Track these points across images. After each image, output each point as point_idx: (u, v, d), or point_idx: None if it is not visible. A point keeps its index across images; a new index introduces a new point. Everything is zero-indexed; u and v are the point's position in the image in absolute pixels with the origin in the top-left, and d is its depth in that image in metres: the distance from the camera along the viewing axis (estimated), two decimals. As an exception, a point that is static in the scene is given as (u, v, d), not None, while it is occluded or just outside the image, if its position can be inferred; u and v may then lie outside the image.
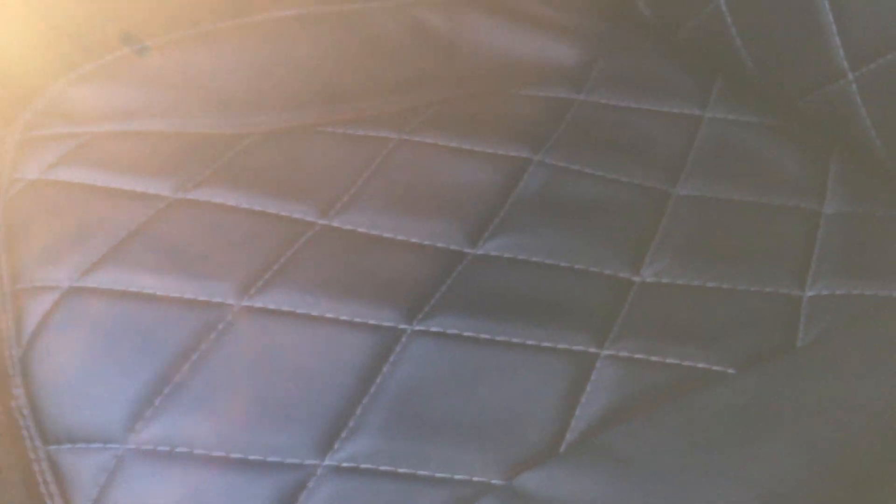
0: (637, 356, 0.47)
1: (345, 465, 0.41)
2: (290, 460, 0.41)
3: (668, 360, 0.47)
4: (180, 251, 0.51)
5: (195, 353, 0.45)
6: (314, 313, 0.48)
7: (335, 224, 0.55)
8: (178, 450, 0.42)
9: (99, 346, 0.46)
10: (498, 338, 0.47)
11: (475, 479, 0.41)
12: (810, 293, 0.52)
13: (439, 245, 0.54)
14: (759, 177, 0.61)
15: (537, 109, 0.66)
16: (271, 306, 0.48)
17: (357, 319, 0.48)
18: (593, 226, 0.56)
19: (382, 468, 0.41)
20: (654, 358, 0.47)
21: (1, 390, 0.47)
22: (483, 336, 0.47)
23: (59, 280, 0.49)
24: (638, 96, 0.67)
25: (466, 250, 0.53)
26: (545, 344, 0.47)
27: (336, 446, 0.42)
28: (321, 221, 0.55)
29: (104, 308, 0.47)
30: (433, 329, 0.47)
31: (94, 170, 0.56)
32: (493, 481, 0.41)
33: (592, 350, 0.47)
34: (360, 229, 0.54)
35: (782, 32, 0.61)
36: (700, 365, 0.47)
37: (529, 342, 0.47)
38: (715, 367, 0.46)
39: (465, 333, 0.47)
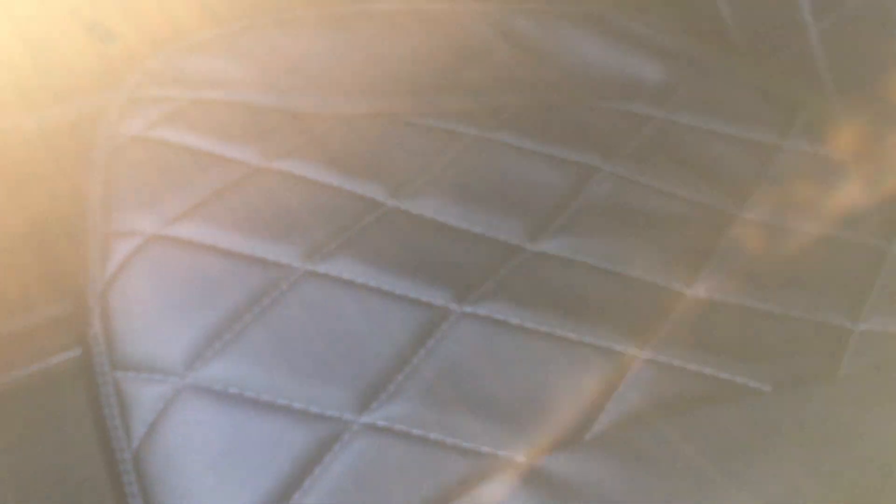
0: (675, 363, 0.48)
1: (379, 423, 0.44)
2: (329, 413, 0.44)
3: (706, 371, 0.48)
4: (256, 213, 0.54)
5: (257, 307, 0.48)
6: (371, 284, 0.51)
7: (403, 206, 0.57)
8: (229, 390, 0.45)
9: (171, 289, 0.49)
10: (541, 328, 0.49)
11: (500, 453, 0.43)
12: (862, 327, 0.52)
13: (500, 237, 0.56)
14: (829, 210, 0.61)
15: (614, 122, 0.68)
16: (333, 273, 0.51)
17: (410, 295, 0.50)
18: (652, 237, 0.57)
19: (414, 431, 0.43)
20: (691, 366, 0.48)
21: (81, 320, 0.51)
22: (528, 325, 0.49)
23: (144, 227, 0.53)
24: (717, 119, 0.68)
25: (525, 246, 0.55)
26: (586, 339, 0.48)
27: (373, 406, 0.45)
28: (390, 202, 0.57)
29: (181, 256, 0.51)
30: (480, 312, 0.49)
31: (190, 132, 0.60)
32: (517, 458, 0.42)
33: (632, 351, 0.48)
34: (426, 214, 0.57)
35: (871, 71, 0.61)
36: (737, 379, 0.47)
37: (571, 336, 0.48)
38: (751, 384, 0.47)
39: (511, 321, 0.49)
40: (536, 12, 0.75)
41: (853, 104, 0.66)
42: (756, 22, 0.71)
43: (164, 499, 0.41)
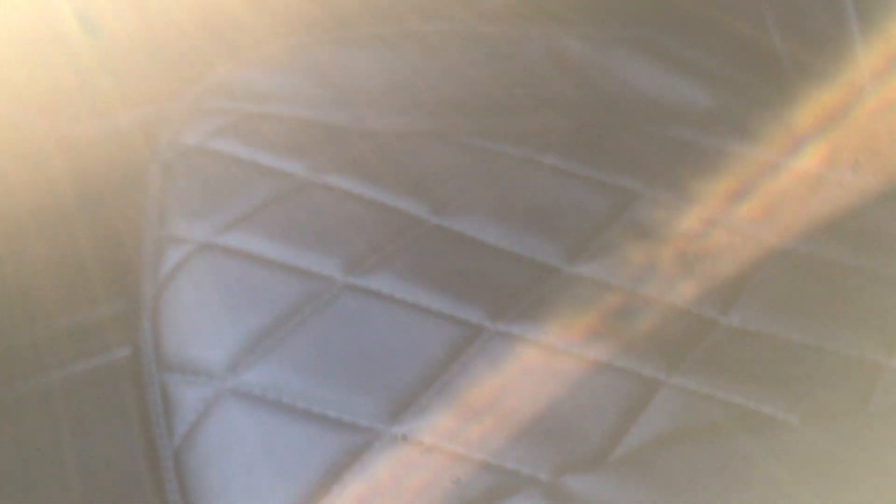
0: (703, 390, 0.48)
1: (407, 435, 0.45)
2: (362, 422, 0.46)
3: (734, 400, 0.48)
4: (301, 226, 0.56)
5: (298, 316, 0.50)
6: (409, 300, 0.52)
7: (445, 224, 0.59)
8: (268, 395, 0.47)
9: (218, 296, 0.52)
10: (572, 349, 0.50)
11: (523, 471, 0.44)
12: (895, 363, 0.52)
13: (538, 258, 0.57)
14: (874, 244, 0.61)
15: (659, 147, 0.69)
16: (372, 287, 0.53)
17: (446, 311, 0.52)
18: (690, 265, 0.57)
19: (442, 444, 0.45)
20: (720, 394, 0.48)
21: (133, 322, 0.54)
22: (559, 346, 0.50)
23: (195, 235, 0.56)
24: (763, 147, 0.68)
25: (562, 267, 0.56)
26: (616, 363, 0.49)
27: (404, 418, 0.46)
28: (433, 220, 0.59)
29: (228, 264, 0.53)
30: (514, 331, 0.51)
31: (244, 144, 0.63)
32: (540, 476, 0.44)
33: (661, 377, 0.49)
34: (467, 232, 0.58)
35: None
36: (765, 409, 0.48)
37: (601, 358, 0.49)
38: (780, 415, 0.47)
39: (543, 341, 0.50)
40: (586, 35, 0.76)
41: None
42: (807, 51, 0.71)
43: (201, 496, 0.44)
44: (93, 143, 0.79)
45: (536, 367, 0.49)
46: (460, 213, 0.60)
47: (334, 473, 0.44)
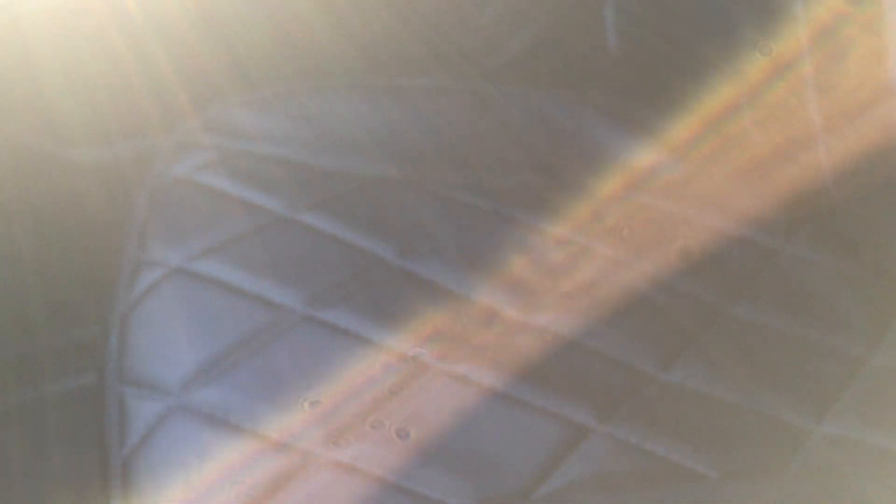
0: (631, 440, 0.51)
1: (344, 459, 0.48)
2: (300, 445, 0.48)
3: (658, 452, 0.50)
4: (271, 258, 0.59)
5: (255, 342, 0.53)
6: (361, 333, 0.55)
7: (409, 267, 0.62)
8: (216, 413, 0.50)
9: (183, 318, 0.55)
10: (509, 390, 0.52)
11: (448, 501, 0.46)
12: (824, 429, 0.54)
13: (492, 305, 0.60)
14: (819, 316, 0.63)
15: (624, 210, 0.72)
16: (329, 319, 0.55)
17: (394, 347, 0.54)
18: (638, 321, 0.60)
19: (373, 471, 0.47)
20: (646, 445, 0.51)
21: (102, 337, 0.57)
22: (496, 385, 0.53)
23: (170, 259, 0.59)
24: (726, 218, 0.71)
25: (514, 315, 0.59)
26: (550, 407, 0.52)
27: (340, 441, 0.49)
28: (398, 262, 0.62)
29: (197, 289, 0.57)
30: (457, 370, 0.53)
31: (226, 178, 0.66)
32: (463, 508, 0.46)
33: (591, 424, 0.51)
34: (429, 276, 0.61)
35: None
36: (687, 463, 0.50)
37: (536, 401, 0.52)
38: (699, 468, 0.50)
39: (483, 381, 0.53)
40: (566, 99, 0.80)
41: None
42: (773, 134, 0.74)
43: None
44: (90, 169, 0.83)
45: (470, 403, 0.51)
46: (425, 258, 0.63)
47: (268, 492, 0.46)
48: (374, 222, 0.65)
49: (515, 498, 0.46)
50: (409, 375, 0.53)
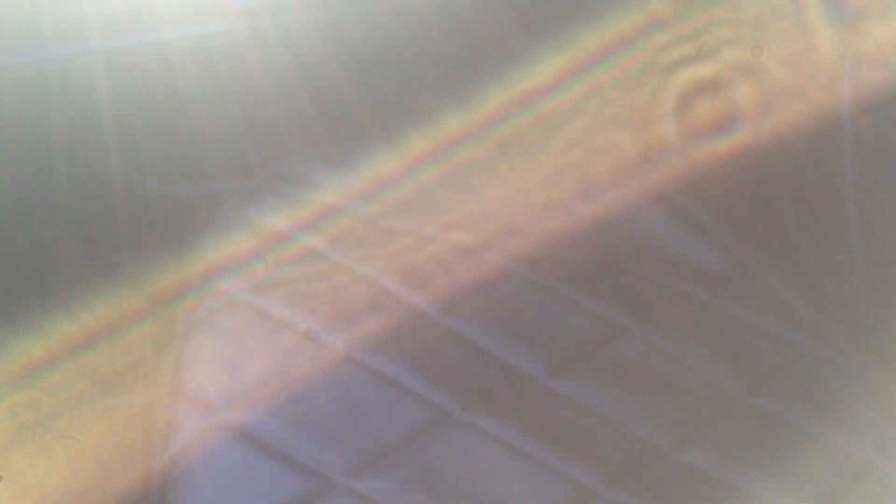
0: (634, 508, 0.54)
1: (359, 490, 0.52)
2: (325, 472, 0.52)
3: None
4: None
5: None
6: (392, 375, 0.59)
7: (448, 323, 0.66)
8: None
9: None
10: (525, 448, 0.56)
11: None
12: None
13: (519, 365, 0.63)
14: (837, 418, 0.65)
15: (662, 294, 0.75)
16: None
17: (424, 393, 0.58)
18: (660, 399, 0.63)
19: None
20: (647, 515, 0.53)
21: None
22: (515, 443, 0.56)
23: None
24: (752, 310, 0.73)
25: (539, 378, 0.63)
26: (562, 468, 0.55)
27: (360, 476, 0.53)
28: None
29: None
30: (479, 424, 0.57)
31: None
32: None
33: (598, 488, 0.54)
34: (467, 335, 0.65)
35: None
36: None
37: (550, 462, 0.55)
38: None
39: (502, 436, 0.57)
40: (629, 197, 0.83)
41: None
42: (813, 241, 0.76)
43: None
44: (185, 203, 0.88)
45: (490, 458, 0.55)
46: (466, 315, 0.67)
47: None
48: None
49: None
50: (435, 423, 0.56)
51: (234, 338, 0.61)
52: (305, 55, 0.82)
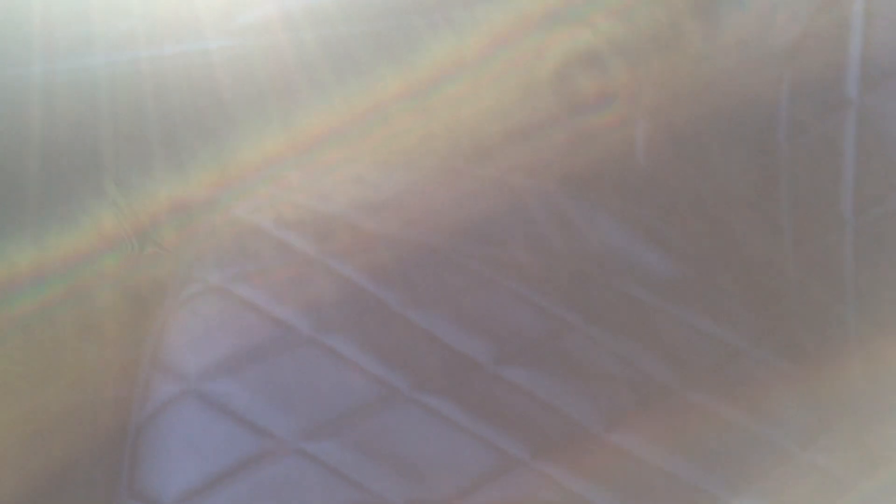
0: (557, 478, 0.60)
1: (308, 451, 0.58)
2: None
3: (575, 489, 0.59)
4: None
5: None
6: (352, 357, 0.66)
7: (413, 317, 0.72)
8: None
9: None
10: (453, 417, 0.62)
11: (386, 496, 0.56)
12: (735, 503, 0.61)
13: (468, 353, 0.70)
14: (765, 412, 0.70)
15: (612, 295, 0.80)
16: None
17: (377, 373, 0.65)
18: (594, 385, 0.69)
19: (332, 464, 0.57)
20: (566, 484, 0.59)
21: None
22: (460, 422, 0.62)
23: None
24: (699, 314, 0.79)
25: (488, 366, 0.69)
26: (484, 434, 0.61)
27: (314, 437, 0.59)
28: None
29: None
30: (427, 402, 0.63)
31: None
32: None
33: (524, 457, 0.60)
34: (424, 325, 0.72)
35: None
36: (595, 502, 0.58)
37: (477, 430, 0.61)
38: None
39: (442, 410, 0.63)
40: (580, 197, 0.90)
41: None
42: (754, 249, 0.82)
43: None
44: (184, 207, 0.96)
45: (429, 430, 0.61)
46: (428, 309, 0.73)
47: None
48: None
49: (445, 502, 0.56)
50: (383, 399, 0.63)
51: (209, 319, 0.68)
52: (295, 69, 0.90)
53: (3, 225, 0.81)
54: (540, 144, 0.94)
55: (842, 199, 0.68)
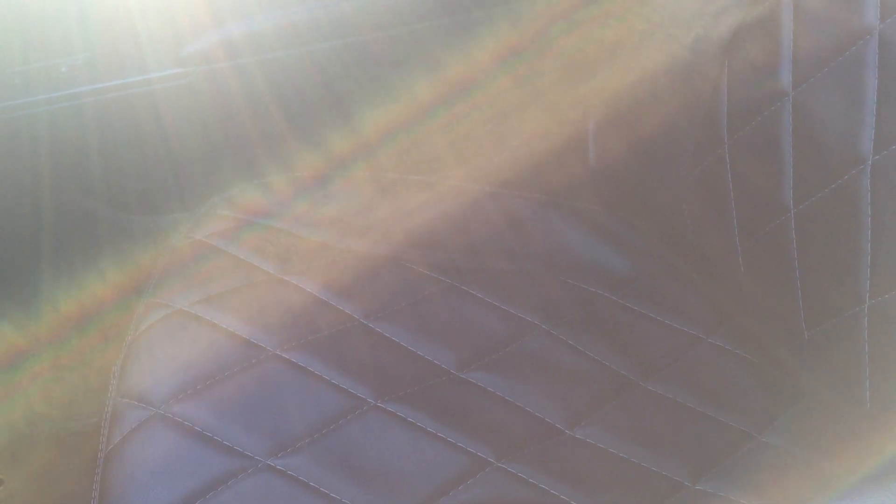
0: (521, 474, 0.61)
1: (277, 466, 0.59)
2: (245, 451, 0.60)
3: (541, 485, 0.60)
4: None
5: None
6: (317, 373, 0.67)
7: (375, 327, 0.74)
8: None
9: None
10: (428, 428, 0.63)
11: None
12: (698, 486, 0.63)
13: (434, 360, 0.71)
14: (722, 397, 0.72)
15: (570, 294, 0.82)
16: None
17: (342, 385, 0.66)
18: (553, 381, 0.70)
19: (301, 478, 0.58)
20: (531, 480, 0.61)
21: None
22: (420, 425, 0.64)
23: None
24: (655, 308, 0.81)
25: (452, 371, 0.70)
26: (452, 438, 0.62)
27: (281, 455, 0.60)
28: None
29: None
30: (390, 409, 0.65)
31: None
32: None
33: (490, 459, 0.62)
34: (387, 334, 0.73)
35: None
36: (562, 497, 0.60)
37: (441, 434, 0.63)
38: None
39: (411, 421, 0.64)
40: (537, 202, 0.92)
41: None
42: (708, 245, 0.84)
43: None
44: (145, 233, 0.98)
45: (397, 438, 0.62)
46: (386, 321, 0.75)
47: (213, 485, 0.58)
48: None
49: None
50: (350, 410, 0.64)
51: (173, 343, 0.69)
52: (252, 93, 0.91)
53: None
54: (489, 147, 0.95)
55: (783, 189, 0.70)
